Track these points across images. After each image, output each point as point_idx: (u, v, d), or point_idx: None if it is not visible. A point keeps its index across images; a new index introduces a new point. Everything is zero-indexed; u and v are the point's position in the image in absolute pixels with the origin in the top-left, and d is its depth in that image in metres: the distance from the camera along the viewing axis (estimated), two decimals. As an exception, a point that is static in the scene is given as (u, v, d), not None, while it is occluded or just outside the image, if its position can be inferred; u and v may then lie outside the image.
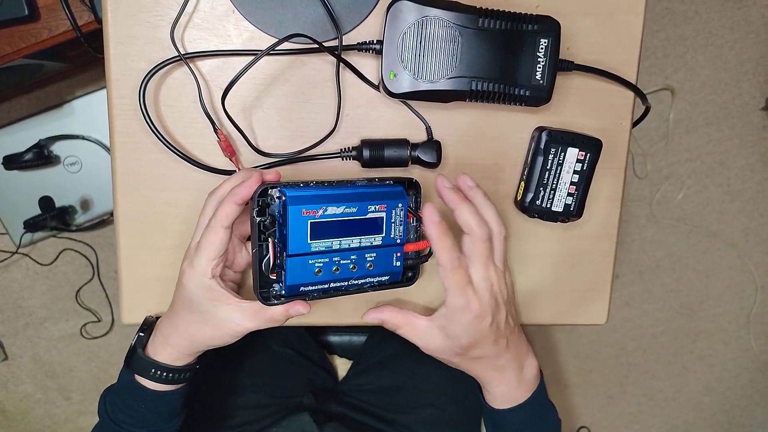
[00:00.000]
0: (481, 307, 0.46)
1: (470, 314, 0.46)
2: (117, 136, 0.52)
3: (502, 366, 0.51)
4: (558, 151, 0.52)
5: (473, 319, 0.46)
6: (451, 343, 0.48)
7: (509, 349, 0.50)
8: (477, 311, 0.46)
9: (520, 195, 0.54)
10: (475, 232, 0.46)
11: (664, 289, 1.50)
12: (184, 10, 0.50)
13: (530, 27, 0.49)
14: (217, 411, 0.69)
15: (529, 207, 0.53)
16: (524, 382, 0.52)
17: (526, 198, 0.53)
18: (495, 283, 0.47)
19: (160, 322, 0.51)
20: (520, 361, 0.52)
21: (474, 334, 0.47)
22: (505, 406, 0.52)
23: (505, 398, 0.52)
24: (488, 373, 0.51)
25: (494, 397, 0.53)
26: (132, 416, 0.50)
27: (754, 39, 1.37)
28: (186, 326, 0.48)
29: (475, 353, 0.49)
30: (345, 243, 0.46)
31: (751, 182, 1.46)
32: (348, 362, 0.83)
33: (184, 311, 0.48)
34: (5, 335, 1.35)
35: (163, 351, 0.49)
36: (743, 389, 1.59)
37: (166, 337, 0.49)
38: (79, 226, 1.20)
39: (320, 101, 0.53)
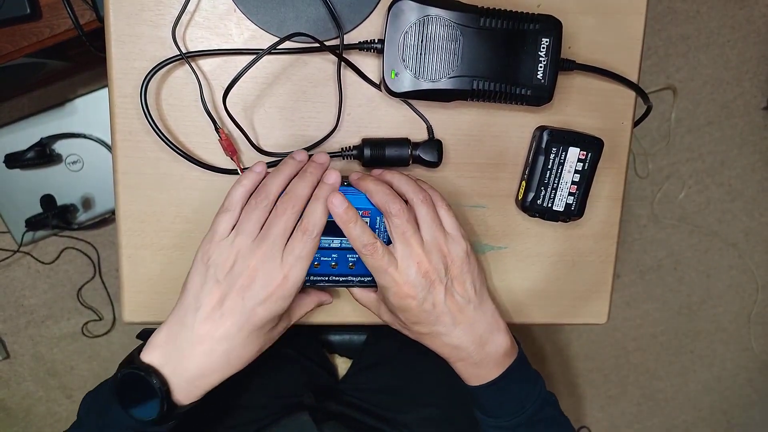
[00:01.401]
0: (407, 288, 0.45)
1: (397, 295, 0.46)
2: (118, 134, 0.52)
3: (456, 344, 0.48)
4: (559, 151, 0.52)
5: (401, 299, 0.46)
6: (395, 317, 0.49)
7: (459, 325, 0.48)
8: (404, 292, 0.45)
9: (521, 194, 0.54)
10: (387, 210, 0.45)
11: (664, 289, 1.50)
12: (186, 9, 0.50)
13: (532, 26, 0.49)
14: (217, 410, 0.69)
15: (530, 206, 0.53)
16: (488, 360, 0.49)
17: (527, 197, 0.53)
18: (424, 261, 0.45)
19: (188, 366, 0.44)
20: (479, 338, 0.49)
21: (409, 313, 0.47)
22: (473, 383, 0.51)
23: (470, 375, 0.51)
24: (442, 350, 0.50)
25: (459, 373, 0.52)
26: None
27: (755, 38, 1.37)
28: (245, 355, 0.45)
29: (420, 329, 0.48)
30: (326, 242, 0.47)
31: (753, 182, 1.45)
32: (348, 361, 0.83)
33: (256, 340, 0.45)
34: (7, 333, 1.35)
35: (188, 394, 0.44)
36: (743, 389, 1.59)
37: (192, 381, 0.44)
38: (81, 224, 1.20)
39: (321, 100, 0.53)
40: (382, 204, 0.45)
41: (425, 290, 0.46)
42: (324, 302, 0.53)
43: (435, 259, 0.46)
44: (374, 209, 0.47)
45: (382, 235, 0.48)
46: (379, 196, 0.45)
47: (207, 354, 0.44)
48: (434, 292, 0.46)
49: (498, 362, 0.50)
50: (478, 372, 0.50)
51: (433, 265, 0.46)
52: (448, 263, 0.47)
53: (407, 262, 0.45)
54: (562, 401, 1.71)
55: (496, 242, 0.57)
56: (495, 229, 0.57)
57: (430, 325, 0.48)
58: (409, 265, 0.45)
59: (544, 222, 0.56)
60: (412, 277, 0.45)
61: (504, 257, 0.57)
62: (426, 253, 0.45)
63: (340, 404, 0.74)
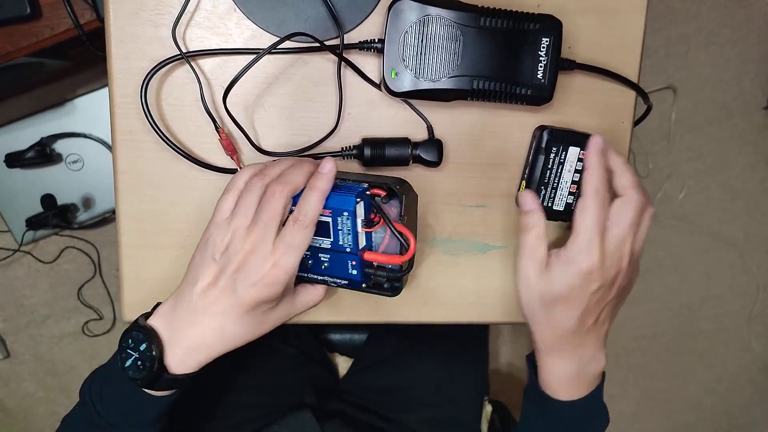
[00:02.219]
0: (599, 266, 0.44)
1: (583, 264, 0.44)
2: (119, 134, 0.52)
3: (569, 347, 0.47)
4: (559, 150, 0.52)
5: (583, 271, 0.44)
6: (544, 283, 0.46)
7: (589, 334, 0.47)
8: (592, 266, 0.43)
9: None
10: (633, 197, 0.44)
11: (665, 289, 1.50)
12: (186, 9, 0.50)
13: (532, 26, 0.49)
14: (219, 410, 0.69)
15: None
16: (584, 377, 0.49)
17: None
18: (625, 257, 0.45)
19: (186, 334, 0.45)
20: (589, 353, 0.48)
21: (572, 289, 0.44)
22: (557, 394, 0.49)
23: (557, 384, 0.49)
24: (552, 345, 0.48)
25: (546, 379, 0.49)
26: (120, 404, 0.48)
27: (756, 38, 1.37)
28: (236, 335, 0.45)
29: (557, 312, 0.46)
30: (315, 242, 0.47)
31: (753, 181, 1.45)
32: (349, 360, 0.83)
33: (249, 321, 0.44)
34: (7, 333, 1.35)
35: (182, 364, 0.45)
36: (743, 389, 1.59)
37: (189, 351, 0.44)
38: (81, 224, 1.20)
39: (321, 100, 0.53)
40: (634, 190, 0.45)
41: (607, 280, 0.45)
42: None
43: (630, 266, 0.46)
44: (335, 210, 0.44)
45: (343, 237, 0.46)
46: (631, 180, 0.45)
47: (201, 327, 0.44)
48: (611, 289, 0.46)
49: (590, 382, 0.50)
50: (569, 387, 0.49)
51: (625, 267, 0.46)
52: (629, 276, 0.47)
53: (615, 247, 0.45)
54: (562, 401, 1.66)
55: (496, 242, 0.57)
56: (495, 229, 0.57)
57: (574, 314, 0.46)
58: (615, 249, 0.44)
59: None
60: (609, 260, 0.44)
61: (504, 257, 0.57)
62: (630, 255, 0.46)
63: (341, 403, 0.74)
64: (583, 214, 0.44)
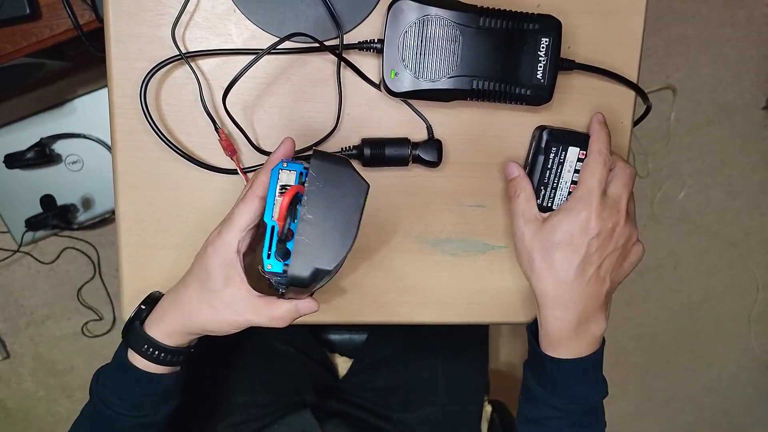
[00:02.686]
0: (597, 218, 0.46)
1: (582, 211, 0.47)
2: (118, 134, 0.52)
3: (568, 302, 0.48)
4: (559, 150, 0.52)
5: (582, 221, 0.47)
6: (544, 234, 0.48)
7: (590, 286, 0.48)
8: (590, 217, 0.46)
9: None
10: (627, 166, 0.49)
11: (664, 289, 1.50)
12: (185, 9, 0.50)
13: (531, 26, 0.49)
14: (219, 409, 0.69)
15: None
16: (584, 336, 0.49)
17: None
18: (623, 212, 0.47)
19: (164, 297, 0.49)
20: (588, 312, 0.48)
21: (571, 235, 0.47)
22: (557, 351, 0.49)
23: (557, 339, 0.49)
24: (553, 295, 0.48)
25: (546, 335, 0.50)
26: (123, 398, 0.49)
27: (755, 38, 1.37)
28: (189, 301, 0.46)
29: (556, 260, 0.48)
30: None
31: (753, 181, 1.45)
32: (349, 360, 0.83)
33: (195, 282, 0.46)
34: (7, 333, 1.35)
35: (158, 327, 0.48)
36: (743, 389, 1.59)
37: (164, 313, 0.48)
38: (81, 224, 1.20)
39: (321, 100, 0.53)
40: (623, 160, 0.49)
41: (605, 233, 0.47)
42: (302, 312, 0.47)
43: (626, 225, 0.48)
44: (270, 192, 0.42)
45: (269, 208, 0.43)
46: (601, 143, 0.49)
47: (170, 292, 0.49)
48: (608, 243, 0.48)
49: (590, 343, 0.50)
50: (567, 343, 0.49)
51: (622, 226, 0.48)
52: (616, 227, 0.48)
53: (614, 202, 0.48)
54: (562, 401, 1.66)
55: (496, 242, 0.57)
56: (495, 229, 0.57)
57: (572, 265, 0.47)
58: (614, 204, 0.47)
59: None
60: (608, 215, 0.47)
61: (504, 257, 0.57)
62: (626, 215, 0.48)
63: (341, 403, 0.74)
64: (586, 169, 0.48)
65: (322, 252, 0.40)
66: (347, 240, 0.40)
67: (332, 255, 0.40)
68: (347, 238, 0.40)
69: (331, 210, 0.40)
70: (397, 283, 0.57)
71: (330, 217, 0.40)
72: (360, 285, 0.57)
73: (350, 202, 0.40)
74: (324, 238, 0.40)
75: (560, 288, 0.48)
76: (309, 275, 0.40)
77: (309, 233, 0.40)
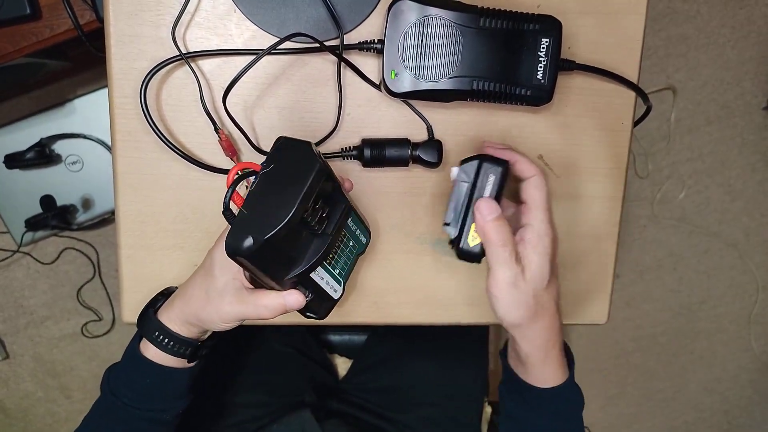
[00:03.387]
0: (555, 239, 0.47)
1: (552, 233, 0.47)
2: (118, 135, 0.52)
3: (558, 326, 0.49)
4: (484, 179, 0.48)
5: (554, 239, 0.47)
6: (533, 281, 0.46)
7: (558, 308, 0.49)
8: (554, 237, 0.47)
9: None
10: (540, 176, 0.48)
11: (664, 289, 1.50)
12: (186, 9, 0.50)
13: (531, 26, 0.49)
14: (219, 409, 0.69)
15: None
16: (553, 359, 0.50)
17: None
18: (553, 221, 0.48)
19: (178, 288, 0.51)
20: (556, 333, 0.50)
21: (551, 260, 0.47)
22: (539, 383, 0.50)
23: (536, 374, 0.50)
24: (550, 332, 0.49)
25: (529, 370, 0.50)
26: (134, 389, 0.50)
27: (755, 38, 1.37)
28: (192, 287, 0.48)
29: (549, 293, 0.48)
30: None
31: (753, 182, 1.45)
32: (348, 361, 0.83)
33: (201, 270, 0.48)
34: (6, 334, 1.35)
35: (167, 314, 0.49)
36: (743, 390, 1.59)
37: (172, 300, 0.49)
38: (81, 225, 1.20)
39: (321, 101, 0.53)
40: (537, 170, 0.48)
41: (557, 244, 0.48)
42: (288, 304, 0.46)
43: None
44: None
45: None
46: (531, 163, 0.48)
47: (187, 280, 0.50)
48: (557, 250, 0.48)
49: (561, 365, 0.51)
50: (542, 375, 0.50)
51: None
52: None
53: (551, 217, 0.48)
54: (562, 401, 1.66)
55: (496, 242, 0.57)
56: (495, 230, 0.57)
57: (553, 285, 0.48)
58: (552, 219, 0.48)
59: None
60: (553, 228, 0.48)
61: (504, 257, 0.57)
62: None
63: (341, 403, 0.74)
64: (537, 191, 0.47)
65: (259, 223, 0.39)
66: (284, 213, 0.39)
67: (267, 226, 0.39)
68: (285, 210, 0.39)
69: (277, 186, 0.40)
70: (397, 284, 0.57)
71: (275, 193, 0.40)
72: (360, 286, 0.57)
73: (296, 179, 0.40)
74: (264, 211, 0.40)
75: (553, 318, 0.49)
76: (243, 245, 0.39)
77: (251, 207, 0.40)
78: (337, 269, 0.48)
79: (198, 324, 0.48)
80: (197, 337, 0.50)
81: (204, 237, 0.54)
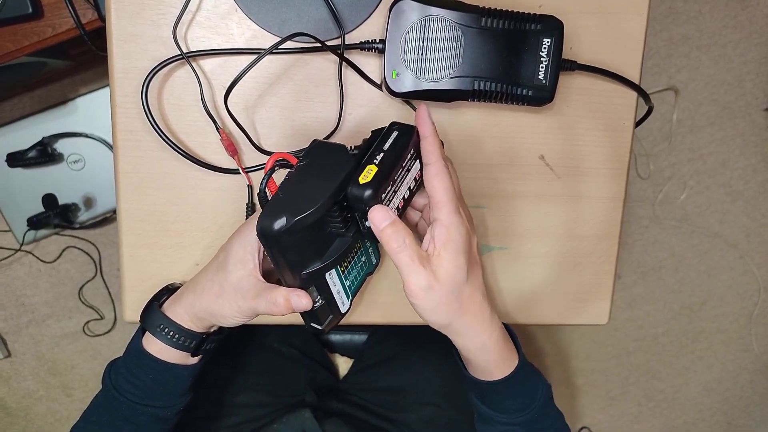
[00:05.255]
0: (468, 222, 0.45)
1: (464, 225, 0.43)
2: (120, 134, 0.52)
3: (490, 313, 0.47)
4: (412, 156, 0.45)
5: (467, 231, 0.44)
6: (448, 283, 0.43)
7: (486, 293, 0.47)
8: (467, 224, 0.44)
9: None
10: (438, 164, 0.44)
11: (665, 290, 1.50)
12: (187, 9, 0.50)
13: (533, 27, 0.49)
14: (219, 409, 0.69)
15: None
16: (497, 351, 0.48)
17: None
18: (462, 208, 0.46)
19: (186, 282, 0.51)
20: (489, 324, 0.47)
21: (468, 254, 0.44)
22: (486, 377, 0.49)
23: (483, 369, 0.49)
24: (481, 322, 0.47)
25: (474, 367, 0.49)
26: (136, 384, 0.50)
27: (757, 39, 1.37)
28: (203, 281, 0.48)
29: (470, 286, 0.45)
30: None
31: (754, 183, 1.45)
32: (349, 361, 0.83)
33: (214, 264, 0.48)
34: (8, 332, 1.36)
35: (174, 308, 0.49)
36: (744, 390, 1.59)
37: (181, 294, 0.49)
38: (83, 223, 1.20)
39: (323, 100, 0.53)
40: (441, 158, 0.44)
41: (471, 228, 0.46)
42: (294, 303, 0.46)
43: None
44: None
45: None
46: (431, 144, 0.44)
47: (197, 274, 0.50)
48: (474, 237, 0.47)
49: (505, 356, 0.49)
50: (488, 366, 0.49)
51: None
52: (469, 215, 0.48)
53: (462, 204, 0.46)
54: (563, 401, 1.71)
55: (497, 242, 0.57)
56: (496, 230, 0.57)
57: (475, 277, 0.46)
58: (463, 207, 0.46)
59: (546, 223, 0.56)
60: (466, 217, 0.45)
61: (505, 258, 0.57)
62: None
63: (341, 402, 0.74)
64: (441, 182, 0.43)
65: (292, 206, 0.40)
66: (318, 199, 0.40)
67: (300, 209, 0.40)
68: (319, 197, 0.40)
69: (313, 177, 0.42)
70: (398, 284, 0.57)
71: (309, 183, 0.42)
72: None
73: (332, 172, 0.42)
74: (297, 197, 0.41)
75: (479, 307, 0.46)
76: (276, 226, 0.40)
77: (286, 191, 0.41)
78: (348, 281, 0.48)
79: (208, 318, 0.48)
80: (203, 330, 0.50)
81: (205, 236, 0.54)
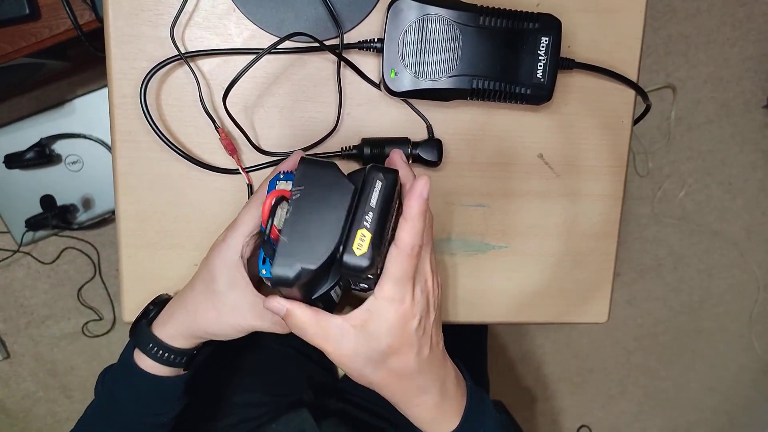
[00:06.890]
0: (413, 305, 0.41)
1: (400, 310, 0.40)
2: (118, 134, 0.52)
3: (423, 386, 0.44)
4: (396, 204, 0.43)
5: (401, 317, 0.40)
6: (368, 346, 0.41)
7: (432, 365, 0.44)
8: (407, 308, 0.40)
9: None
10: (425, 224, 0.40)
11: (665, 288, 1.50)
12: (185, 9, 0.50)
13: (531, 25, 0.49)
14: (217, 409, 0.69)
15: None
16: (450, 396, 0.46)
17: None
18: (430, 281, 0.42)
19: (172, 300, 0.50)
20: (441, 374, 0.45)
21: (397, 337, 0.41)
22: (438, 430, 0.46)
23: (433, 422, 0.46)
24: (407, 395, 0.45)
25: (417, 421, 0.46)
26: (130, 396, 0.50)
27: (755, 36, 1.37)
28: (195, 303, 0.47)
29: (394, 363, 0.42)
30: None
31: (753, 180, 1.45)
32: (349, 361, 0.83)
33: (200, 285, 0.46)
34: (7, 333, 1.35)
35: (165, 328, 0.48)
36: (745, 389, 1.59)
37: (171, 315, 0.48)
38: (81, 224, 1.20)
39: (321, 100, 0.53)
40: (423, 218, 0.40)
41: (425, 312, 0.42)
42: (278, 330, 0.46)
43: (435, 286, 0.44)
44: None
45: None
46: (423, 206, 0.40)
47: (178, 295, 0.49)
48: (429, 317, 0.43)
49: (457, 398, 0.47)
50: (443, 416, 0.46)
51: (433, 289, 0.43)
52: (438, 293, 0.45)
53: (421, 278, 0.42)
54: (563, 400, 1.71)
55: (497, 241, 0.57)
56: (495, 228, 0.57)
57: (411, 356, 0.42)
58: (422, 280, 0.42)
59: (545, 221, 0.56)
60: (419, 294, 0.41)
61: (505, 256, 0.57)
62: (433, 276, 0.43)
63: (339, 402, 0.74)
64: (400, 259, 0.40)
65: (305, 251, 0.39)
66: (332, 239, 0.39)
67: (316, 254, 0.39)
68: (332, 237, 0.39)
69: (315, 212, 0.40)
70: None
71: (314, 219, 0.40)
72: (360, 285, 0.57)
73: (335, 204, 0.40)
74: (308, 238, 0.39)
75: (409, 384, 0.44)
76: (293, 274, 0.38)
77: (292, 234, 0.39)
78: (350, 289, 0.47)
79: (205, 337, 0.48)
80: (194, 347, 0.50)
81: (204, 236, 0.54)
